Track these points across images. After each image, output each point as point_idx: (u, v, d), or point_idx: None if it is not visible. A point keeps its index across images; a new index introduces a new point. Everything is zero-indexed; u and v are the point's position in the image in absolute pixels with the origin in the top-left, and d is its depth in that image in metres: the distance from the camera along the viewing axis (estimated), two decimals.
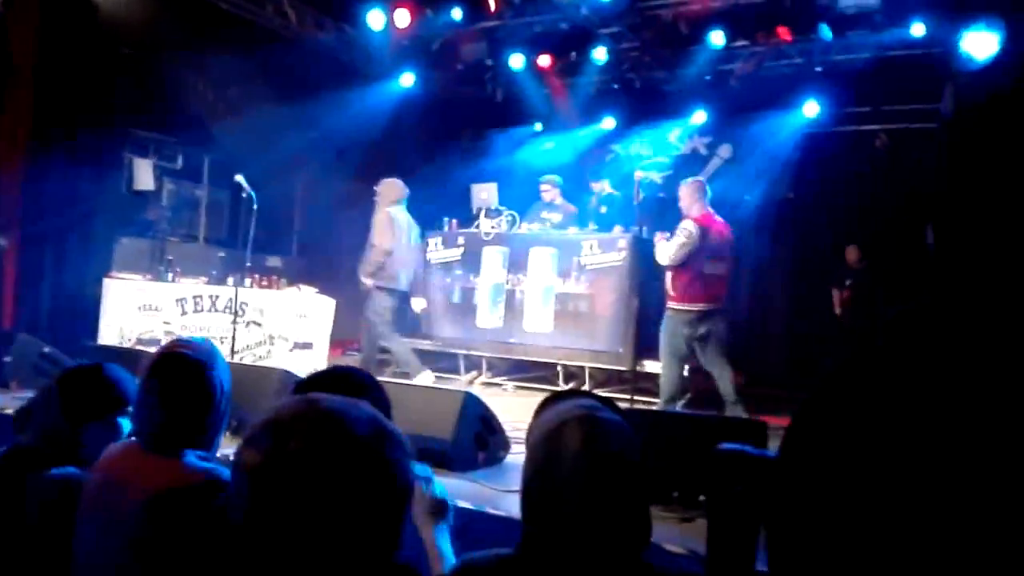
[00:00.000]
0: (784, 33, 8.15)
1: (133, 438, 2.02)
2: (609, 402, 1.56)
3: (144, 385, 1.92)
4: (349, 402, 1.07)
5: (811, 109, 8.71)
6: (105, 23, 7.17)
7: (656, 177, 9.09)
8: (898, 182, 8.17)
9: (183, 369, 1.89)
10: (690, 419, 4.29)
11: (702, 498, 3.60)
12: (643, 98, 9.44)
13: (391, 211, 6.92)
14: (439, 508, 1.84)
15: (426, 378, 6.80)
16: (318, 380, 1.87)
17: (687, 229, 5.80)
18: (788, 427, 0.89)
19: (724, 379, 5.73)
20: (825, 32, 7.79)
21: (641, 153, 9.74)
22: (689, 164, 9.40)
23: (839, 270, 8.65)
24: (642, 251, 6.89)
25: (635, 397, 5.87)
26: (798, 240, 9.05)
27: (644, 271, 6.74)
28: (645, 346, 6.46)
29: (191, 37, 7.63)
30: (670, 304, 5.85)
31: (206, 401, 1.89)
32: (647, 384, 6.53)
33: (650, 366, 6.63)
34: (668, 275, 5.91)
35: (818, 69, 8.53)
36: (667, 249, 5.80)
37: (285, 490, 0.97)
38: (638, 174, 6.67)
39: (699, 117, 9.35)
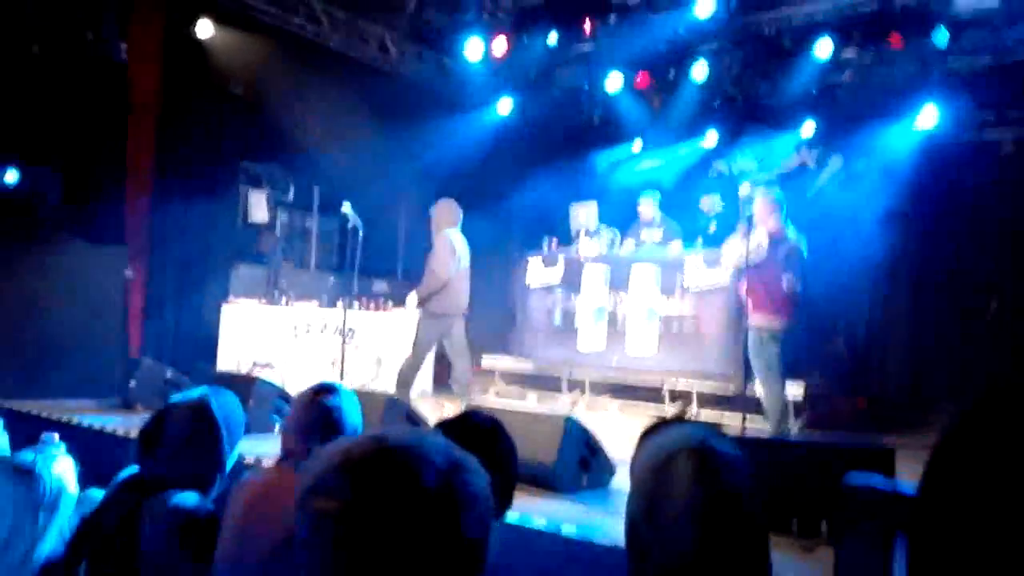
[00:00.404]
0: (896, 41, 7.77)
1: (275, 463, 2.20)
2: (719, 430, 1.46)
3: (298, 413, 2.21)
4: (418, 434, 1.03)
5: (927, 117, 8.25)
6: (217, 65, 7.57)
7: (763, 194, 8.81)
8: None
9: (331, 401, 2.22)
10: (812, 446, 4.08)
11: (823, 527, 3.41)
12: (746, 113, 9.19)
13: (449, 234, 6.63)
14: None
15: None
16: (449, 427, 1.90)
17: (757, 238, 5.73)
18: (933, 459, 0.80)
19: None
20: (941, 37, 7.38)
21: (745, 169, 9.47)
22: (797, 178, 9.07)
23: (981, 291, 8.04)
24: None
25: (746, 421, 5.64)
26: (919, 255, 8.54)
27: None
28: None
29: (298, 74, 7.97)
30: (756, 320, 5.69)
31: (343, 428, 2.19)
32: (758, 406, 6.28)
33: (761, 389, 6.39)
34: (743, 289, 5.83)
35: (934, 76, 8.09)
36: (733, 250, 5.74)
37: (368, 535, 0.92)
38: (743, 190, 6.46)
39: (807, 129, 9.02)
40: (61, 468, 2.41)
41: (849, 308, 8.29)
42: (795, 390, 6.39)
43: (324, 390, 2.25)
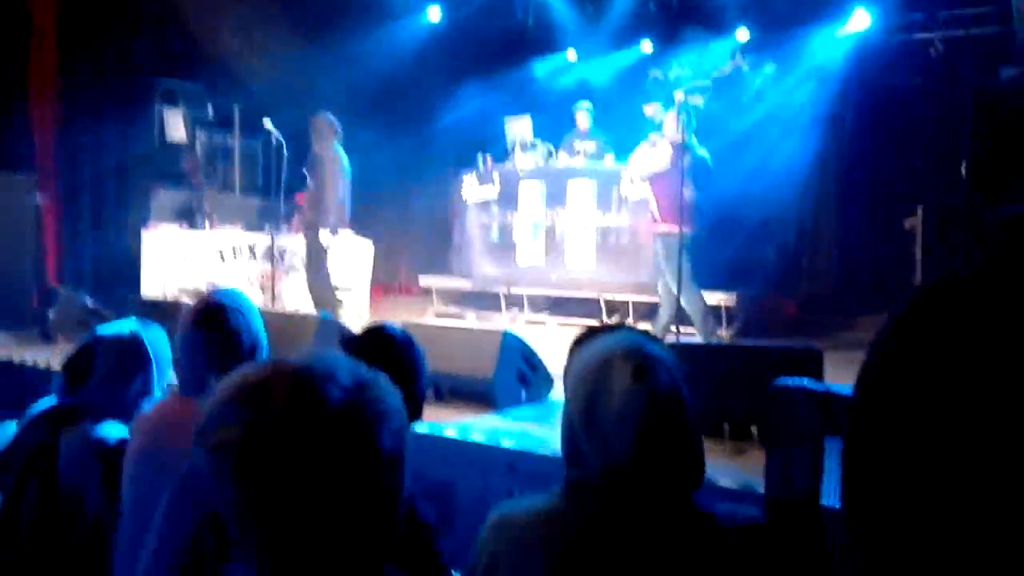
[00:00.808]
0: None
1: (175, 390, 2.06)
2: (649, 335, 1.46)
3: (183, 338, 1.95)
4: (320, 354, 0.96)
5: (860, 19, 8.22)
6: None
7: (698, 100, 8.72)
8: (956, 94, 7.71)
9: (217, 319, 1.92)
10: (741, 350, 4.15)
11: (754, 429, 3.49)
12: (681, 17, 9.03)
13: (338, 150, 6.37)
14: None
15: None
16: (355, 342, 1.90)
17: (660, 149, 5.91)
18: (868, 362, 0.81)
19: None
20: None
21: (681, 75, 9.35)
22: (732, 84, 9.01)
23: (910, 192, 8.20)
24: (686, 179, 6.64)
25: (681, 329, 5.73)
26: (849, 159, 8.63)
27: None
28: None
29: None
30: (664, 229, 5.78)
31: (238, 348, 1.92)
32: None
33: None
34: (651, 200, 6.02)
35: None
36: (640, 160, 6.05)
37: (274, 461, 0.87)
38: (678, 96, 6.38)
39: (741, 35, 8.93)
40: None
41: (780, 213, 8.38)
42: (725, 297, 6.50)
43: (214, 306, 1.95)
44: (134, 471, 1.84)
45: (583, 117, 7.80)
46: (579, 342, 1.43)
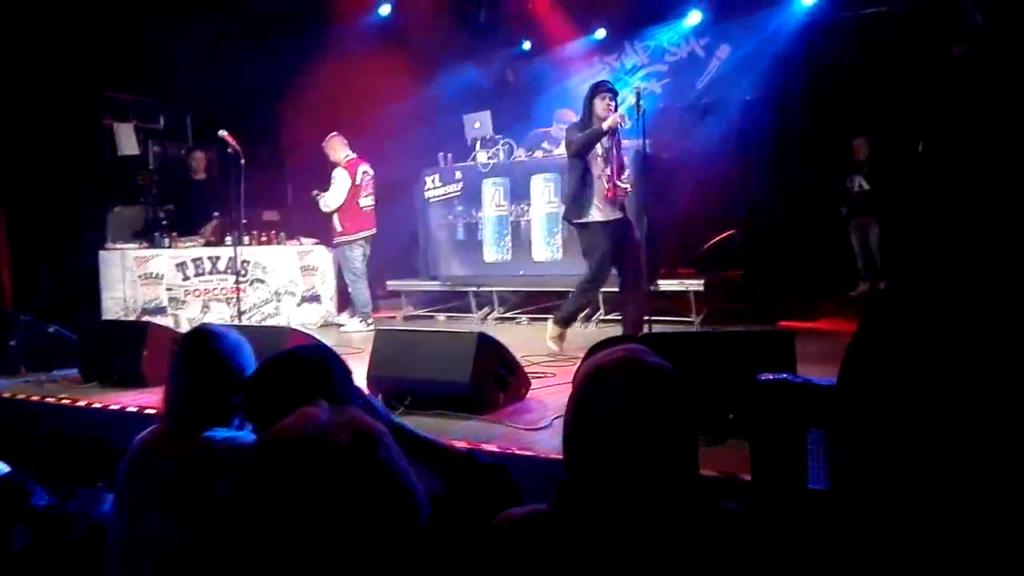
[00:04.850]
0: None
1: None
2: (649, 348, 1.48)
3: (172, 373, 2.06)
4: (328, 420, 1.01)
5: None
6: None
7: (655, 87, 8.76)
8: (905, 68, 7.81)
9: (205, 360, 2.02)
10: (711, 337, 4.15)
11: (731, 416, 3.50)
12: (633, 4, 9.03)
13: None
14: None
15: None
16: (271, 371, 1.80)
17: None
18: (849, 357, 0.88)
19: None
20: None
21: (636, 63, 9.37)
22: (688, 68, 9.04)
23: (848, 166, 8.42)
24: (647, 168, 6.63)
25: (653, 317, 5.74)
26: (806, 142, 8.68)
27: (651, 188, 6.50)
28: (657, 266, 6.31)
29: None
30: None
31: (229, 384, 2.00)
32: (661, 303, 6.42)
33: (664, 285, 6.50)
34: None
35: None
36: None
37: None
38: (637, 86, 6.39)
39: (694, 17, 8.97)
40: None
41: (740, 195, 8.43)
42: (696, 284, 6.54)
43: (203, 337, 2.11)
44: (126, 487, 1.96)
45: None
46: (589, 352, 1.60)
